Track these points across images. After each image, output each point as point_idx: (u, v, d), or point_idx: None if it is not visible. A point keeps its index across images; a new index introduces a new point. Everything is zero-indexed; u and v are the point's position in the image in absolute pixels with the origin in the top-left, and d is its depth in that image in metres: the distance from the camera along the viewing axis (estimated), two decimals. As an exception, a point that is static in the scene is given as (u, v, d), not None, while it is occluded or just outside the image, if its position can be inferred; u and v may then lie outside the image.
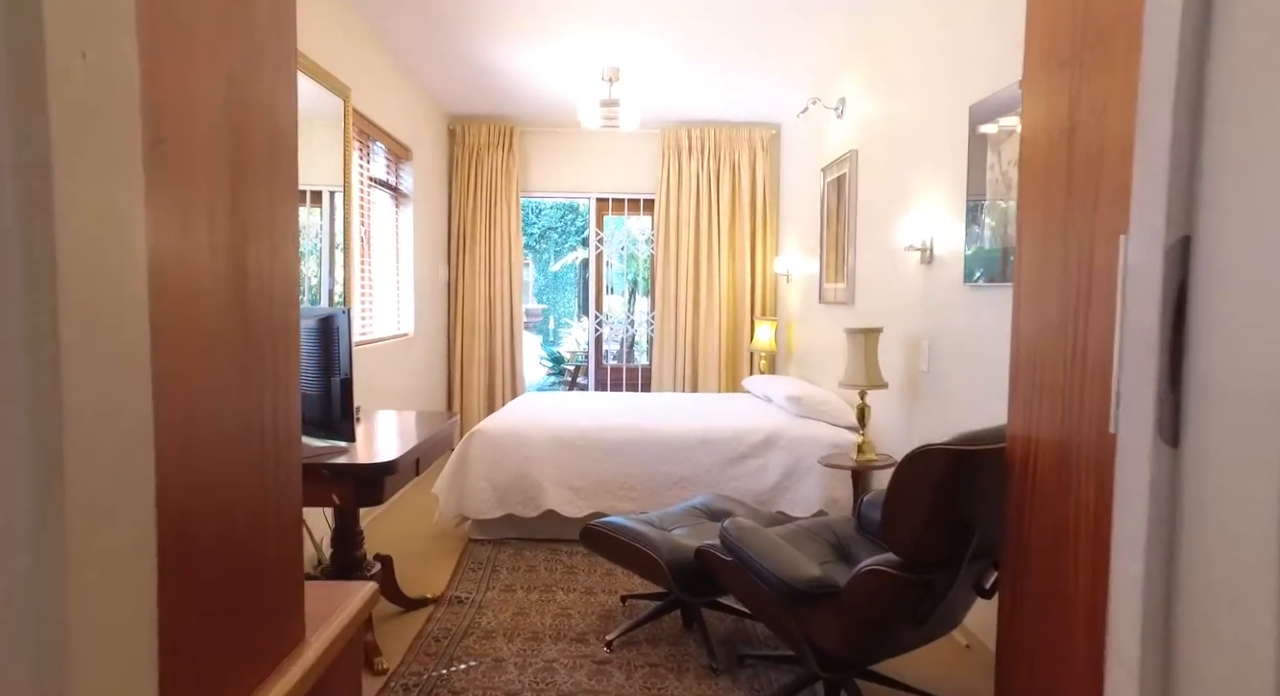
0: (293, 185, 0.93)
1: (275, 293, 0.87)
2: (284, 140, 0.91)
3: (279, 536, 0.91)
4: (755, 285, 5.99)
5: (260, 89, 0.85)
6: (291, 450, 0.93)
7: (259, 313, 0.83)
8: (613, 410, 4.20)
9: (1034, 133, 1.45)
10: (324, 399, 2.19)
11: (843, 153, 4.15)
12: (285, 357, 0.91)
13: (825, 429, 3.71)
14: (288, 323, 0.90)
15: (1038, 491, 1.44)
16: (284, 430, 0.90)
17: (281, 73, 0.91)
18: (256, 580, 0.85)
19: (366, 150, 4.34)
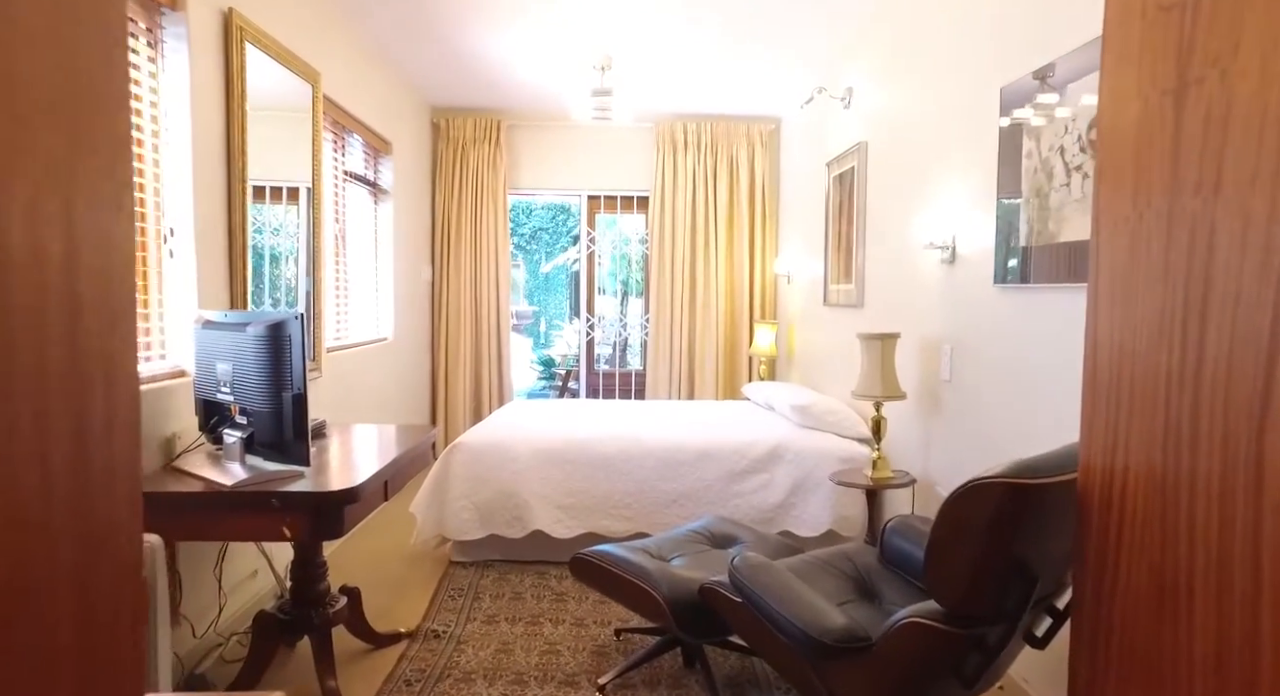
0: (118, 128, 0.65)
1: (84, 262, 0.58)
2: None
3: (93, 591, 0.62)
4: (754, 287, 5.73)
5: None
6: (124, 469, 0.65)
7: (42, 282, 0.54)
8: (605, 420, 3.93)
9: (1119, 99, 1.19)
10: (274, 417, 1.91)
11: (850, 146, 3.89)
12: (107, 349, 0.62)
13: (834, 441, 3.45)
14: (111, 300, 0.61)
15: (1128, 534, 1.17)
16: (109, 445, 0.61)
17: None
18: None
19: (341, 142, 4.06)
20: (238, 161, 2.59)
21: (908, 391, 2.95)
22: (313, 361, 3.33)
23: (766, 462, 3.39)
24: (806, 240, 4.92)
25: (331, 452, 2.36)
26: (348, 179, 4.17)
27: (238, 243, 2.60)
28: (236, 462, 2.00)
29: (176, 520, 1.86)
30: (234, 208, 2.59)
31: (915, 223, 3.08)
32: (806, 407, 3.59)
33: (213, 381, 2.06)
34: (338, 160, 4.02)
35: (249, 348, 1.91)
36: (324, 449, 2.38)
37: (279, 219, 3.22)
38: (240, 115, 2.59)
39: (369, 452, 2.45)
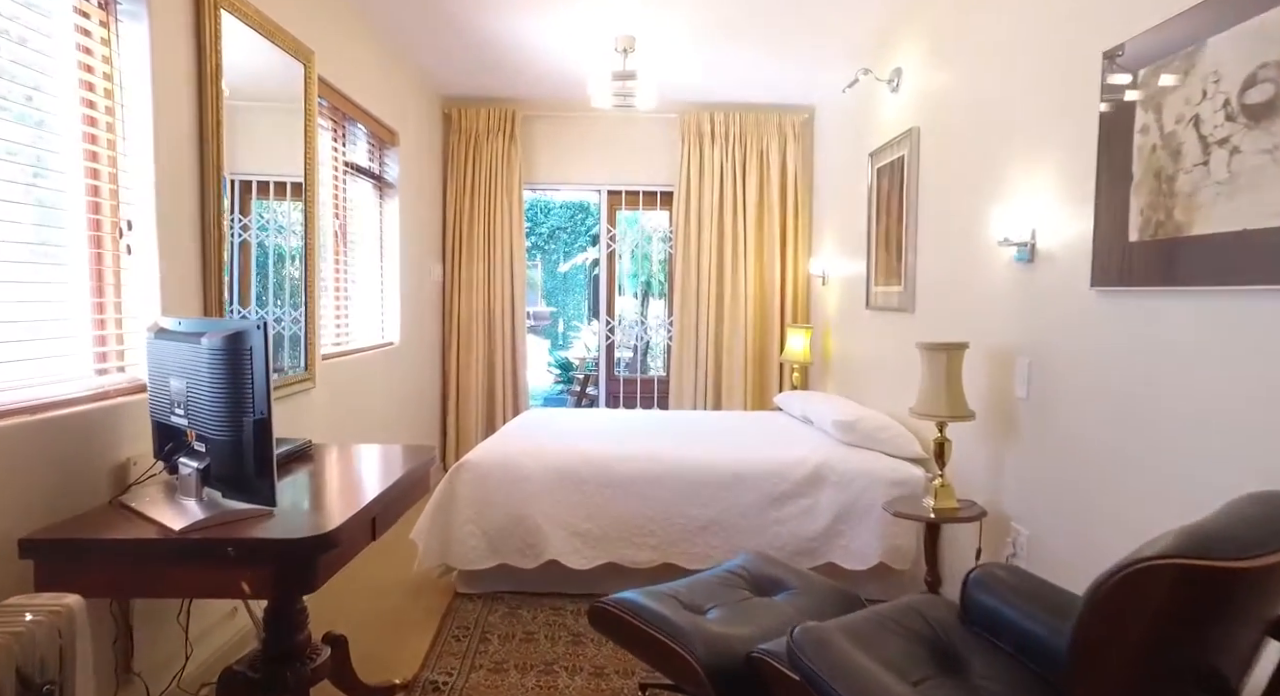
0: None
1: None
2: None
3: None
4: (786, 288, 5.36)
5: None
6: None
7: None
8: (626, 433, 3.58)
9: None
10: (233, 447, 1.58)
11: (898, 133, 3.52)
12: None
13: (884, 462, 3.08)
14: None
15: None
16: None
17: None
18: None
19: (342, 132, 3.75)
20: (212, 147, 2.27)
21: (973, 408, 2.58)
22: (304, 371, 3.01)
23: (808, 486, 3.02)
24: (844, 238, 4.55)
25: (311, 483, 2.03)
26: (349, 171, 3.85)
27: (212, 239, 2.28)
28: (192, 499, 1.68)
29: (107, 573, 1.54)
30: (208, 200, 2.27)
31: (981, 217, 2.70)
32: (853, 424, 3.22)
33: (166, 401, 1.74)
34: (338, 150, 3.71)
35: (203, 363, 1.58)
36: (304, 478, 2.06)
37: (286, 217, 2.91)
38: (215, 95, 2.27)
39: (357, 481, 2.12)
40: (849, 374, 4.41)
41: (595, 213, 15.48)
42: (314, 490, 1.95)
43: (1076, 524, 2.12)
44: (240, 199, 2.61)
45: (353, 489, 2.02)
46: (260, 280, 2.76)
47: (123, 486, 1.87)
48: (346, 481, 2.11)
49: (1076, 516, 2.12)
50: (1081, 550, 2.09)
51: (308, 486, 1.98)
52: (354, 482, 2.10)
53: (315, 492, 1.94)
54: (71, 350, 1.92)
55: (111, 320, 2.03)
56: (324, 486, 2.02)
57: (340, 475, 2.16)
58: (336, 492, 1.98)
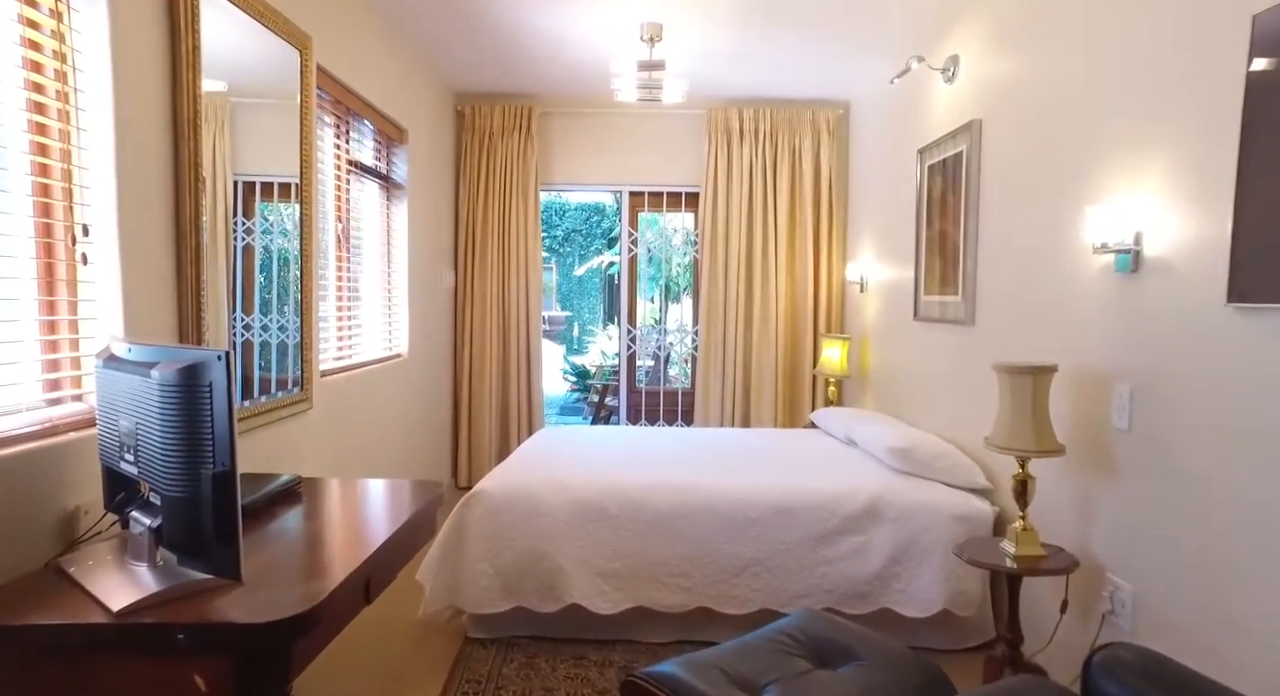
0: None
1: None
2: None
3: None
4: (820, 295, 5.02)
5: None
6: None
7: None
8: (653, 457, 3.26)
9: None
10: (189, 506, 1.28)
11: (955, 126, 3.18)
12: None
13: (945, 494, 2.74)
14: None
15: None
16: None
17: None
18: None
19: (345, 128, 3.46)
20: (189, 142, 1.98)
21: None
22: (300, 391, 2.72)
23: (862, 521, 2.69)
24: (887, 242, 4.21)
25: (295, 534, 1.73)
26: (354, 171, 3.57)
27: (188, 248, 1.99)
28: (144, 564, 1.38)
29: (16, 670, 1.23)
30: (184, 202, 1.98)
31: (1066, 218, 2.36)
32: (908, 451, 2.88)
33: (115, 444, 1.44)
34: (341, 148, 3.42)
35: (153, 401, 1.28)
36: (287, 527, 1.75)
37: (292, 220, 2.63)
38: (191, 81, 1.98)
39: (351, 530, 1.82)
40: (891, 389, 4.07)
41: (612, 214, 15.23)
42: (297, 545, 1.65)
43: (1201, 584, 1.78)
44: (244, 201, 2.41)
45: (345, 541, 1.71)
46: (264, 286, 2.54)
47: (67, 542, 1.57)
48: (338, 531, 1.81)
49: (1201, 575, 1.78)
50: (1210, 617, 1.75)
51: (290, 539, 1.68)
52: (347, 532, 1.80)
53: (298, 548, 1.63)
54: (17, 377, 1.63)
55: (65, 341, 1.74)
56: (310, 539, 1.72)
57: (332, 522, 1.86)
58: (324, 547, 1.67)
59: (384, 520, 1.90)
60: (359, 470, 3.33)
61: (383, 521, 1.88)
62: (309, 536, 1.73)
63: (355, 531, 1.81)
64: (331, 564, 1.53)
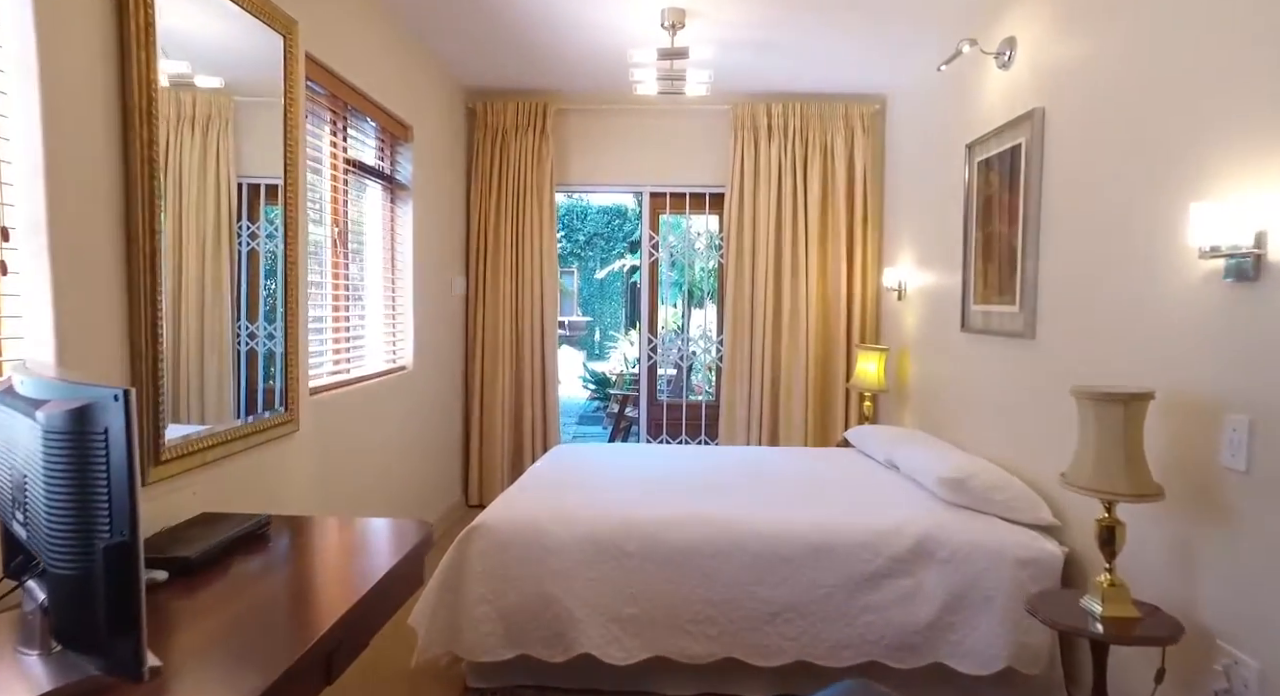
0: None
1: None
2: None
3: None
4: (854, 302, 4.69)
5: None
6: None
7: None
8: (674, 482, 2.97)
9: None
10: (79, 585, 1.00)
11: (1012, 117, 2.85)
12: None
13: (1007, 533, 2.41)
14: None
15: None
16: None
17: None
18: None
19: (342, 124, 3.21)
20: (140, 132, 1.71)
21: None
22: (284, 411, 2.46)
23: (909, 563, 2.37)
24: (929, 245, 3.88)
25: (246, 595, 1.45)
26: (351, 170, 3.31)
27: (140, 254, 1.72)
28: (36, 653, 1.11)
29: None
30: (134, 202, 1.72)
31: (1159, 217, 2.03)
32: (962, 482, 2.55)
33: (8, 498, 1.17)
34: (337, 145, 3.16)
35: (37, 450, 1.01)
36: (236, 587, 1.48)
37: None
38: (145, 62, 1.72)
39: (314, 588, 1.54)
40: (933, 406, 3.73)
41: (634, 217, 14.94)
42: (244, 614, 1.37)
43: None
44: (249, 204, 2.24)
45: (306, 603, 1.44)
46: (270, 293, 2.37)
47: (-32, 612, 1.31)
48: (301, 588, 1.53)
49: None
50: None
51: (239, 606, 1.40)
52: (312, 590, 1.52)
53: (245, 618, 1.35)
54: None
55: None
56: (264, 603, 1.44)
57: (296, 576, 1.58)
58: (278, 615, 1.39)
59: (360, 572, 1.62)
60: (352, 500, 3.06)
61: (358, 574, 1.60)
62: (263, 600, 1.45)
63: (322, 589, 1.53)
64: (279, 644, 1.24)
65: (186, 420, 1.94)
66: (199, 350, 2.06)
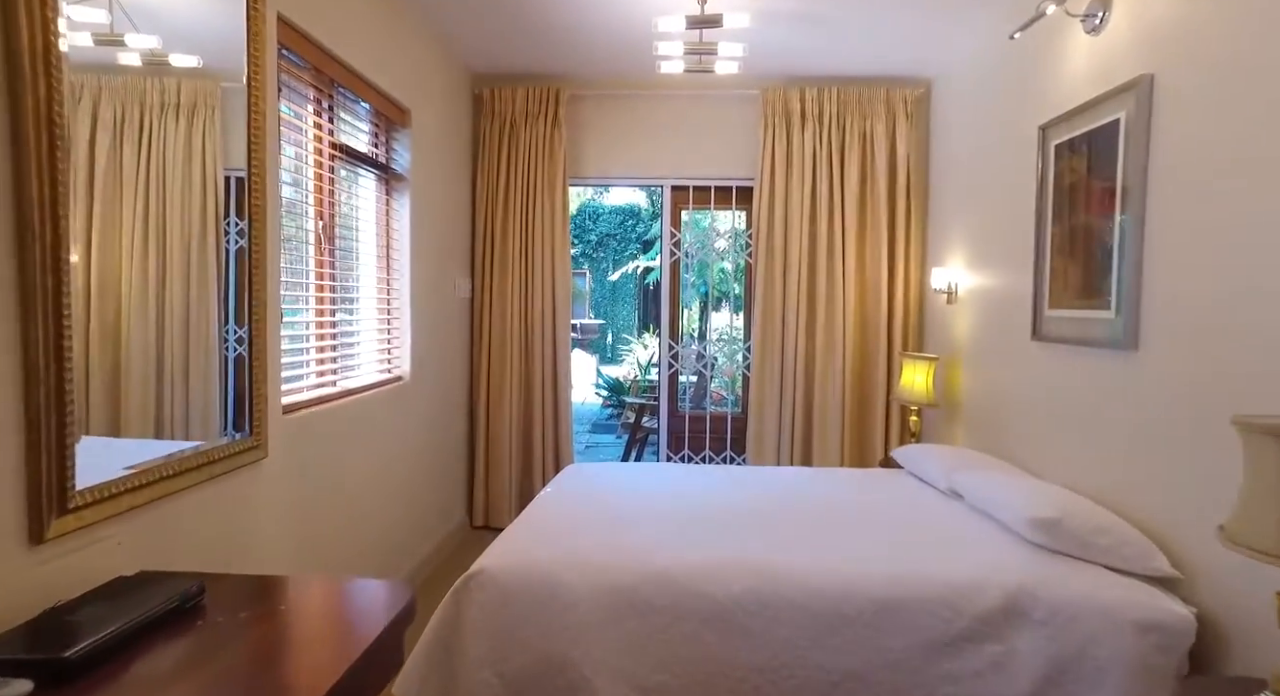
0: None
1: None
2: None
3: None
4: (895, 306, 4.27)
5: None
6: None
7: None
8: (706, 513, 2.56)
9: None
10: None
11: (1107, 89, 2.43)
12: None
13: (1118, 587, 1.99)
14: None
15: None
16: None
17: None
18: None
19: (328, 103, 2.83)
20: (31, 84, 1.32)
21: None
22: (249, 435, 2.07)
23: (999, 624, 1.95)
24: (986, 242, 3.46)
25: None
26: (339, 157, 2.93)
27: (35, 250, 1.33)
28: None
29: None
30: (26, 180, 1.33)
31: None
32: (1056, 523, 2.13)
33: None
34: (322, 128, 2.78)
35: None
36: (147, 691, 1.08)
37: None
38: (40, 18, 1.33)
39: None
40: (994, 424, 3.31)
41: (647, 217, 14.53)
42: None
43: None
44: (237, 199, 2.02)
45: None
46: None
47: None
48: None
49: None
50: None
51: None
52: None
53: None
54: None
55: None
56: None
57: (222, 677, 1.18)
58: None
59: (315, 665, 1.22)
60: (337, 535, 2.67)
61: (312, 668, 1.21)
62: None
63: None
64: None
65: (170, 436, 1.77)
66: (184, 357, 1.83)
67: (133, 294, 1.70)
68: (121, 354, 1.66)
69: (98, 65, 1.58)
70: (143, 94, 1.68)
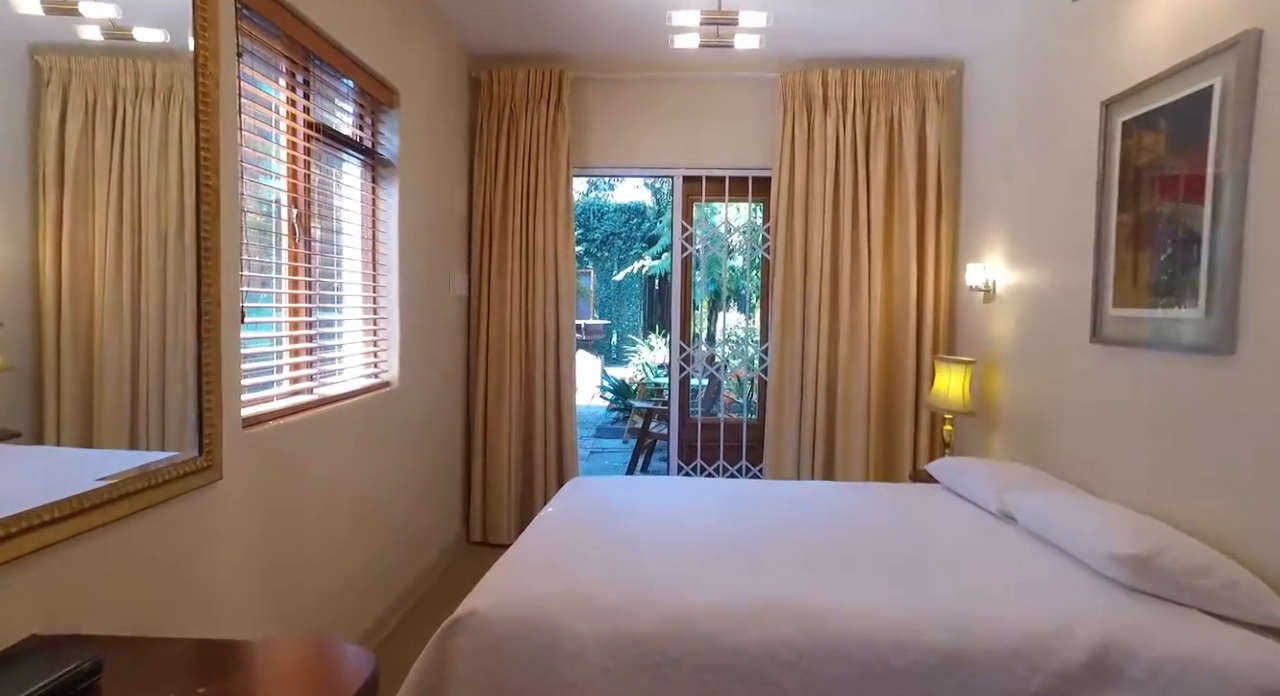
0: None
1: None
2: None
3: None
4: (924, 305, 3.95)
5: None
6: None
7: None
8: (730, 544, 2.25)
9: None
10: None
11: (1198, 51, 2.11)
12: None
13: (1228, 638, 1.67)
14: None
15: None
16: None
17: None
18: None
19: (304, 77, 2.52)
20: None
21: None
22: (201, 454, 1.77)
23: (1086, 683, 1.63)
24: (1031, 234, 3.14)
25: None
26: (316, 137, 2.62)
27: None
28: None
29: None
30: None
31: None
32: (1148, 562, 1.81)
33: None
34: (296, 104, 2.48)
35: None
36: None
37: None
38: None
39: None
40: (1042, 435, 2.99)
41: (652, 215, 14.22)
42: None
43: None
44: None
45: None
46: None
47: None
48: None
49: None
50: None
51: None
52: None
53: None
54: None
55: None
56: None
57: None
58: None
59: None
60: (308, 566, 2.36)
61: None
62: None
63: None
64: None
65: (144, 446, 1.61)
66: (160, 360, 1.67)
67: (107, 291, 1.52)
68: (96, 356, 1.47)
69: (64, 46, 1.43)
70: (115, 77, 1.54)
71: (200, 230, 1.74)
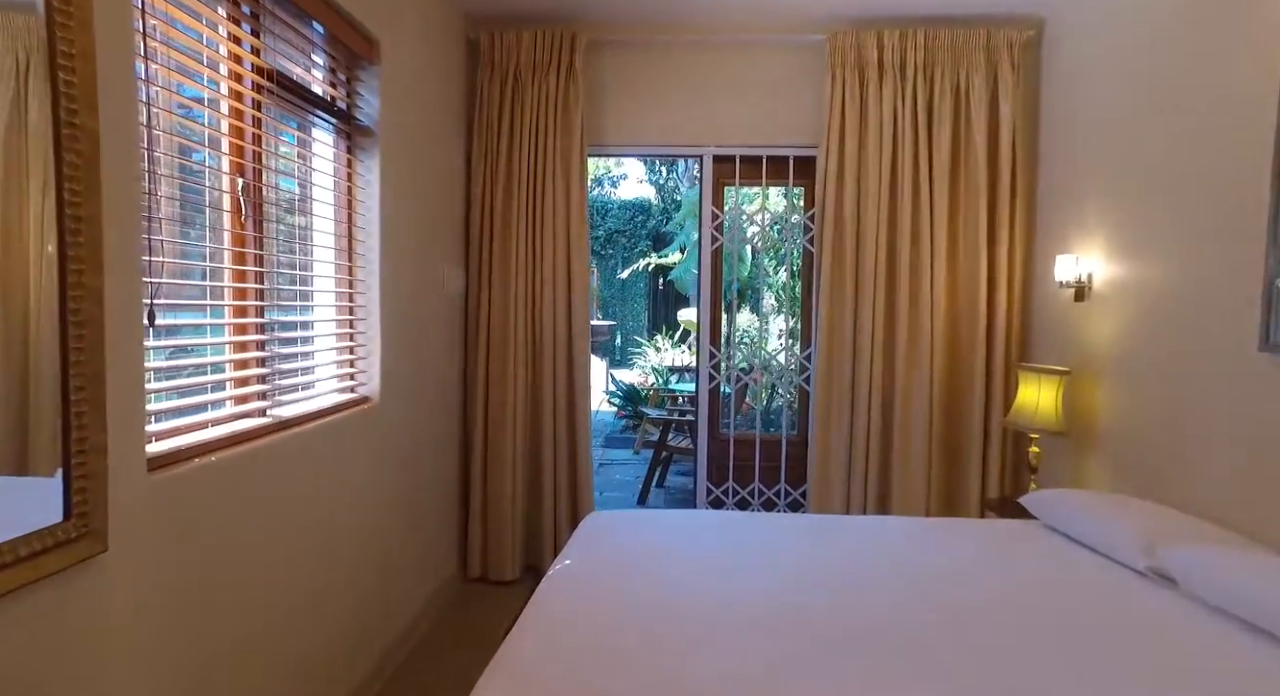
0: None
1: None
2: None
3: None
4: (996, 304, 3.39)
5: None
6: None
7: None
8: (807, 623, 1.69)
9: None
10: None
11: None
12: None
13: None
14: None
15: None
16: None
17: None
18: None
19: (254, 11, 1.96)
20: None
21: None
22: (70, 518, 1.21)
23: None
24: (1147, 221, 2.59)
25: None
26: (272, 90, 2.05)
27: None
28: None
29: None
30: None
31: None
32: None
33: None
34: (242, 43, 1.92)
35: None
36: None
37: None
38: None
39: None
40: (1162, 463, 2.43)
41: (658, 212, 13.61)
42: None
43: None
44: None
45: None
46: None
47: None
48: None
49: None
50: None
51: None
52: None
53: None
54: None
55: None
56: None
57: None
58: None
59: None
60: (252, 651, 1.80)
61: None
62: None
63: None
64: None
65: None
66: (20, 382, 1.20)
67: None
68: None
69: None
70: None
71: (62, 193, 1.18)
